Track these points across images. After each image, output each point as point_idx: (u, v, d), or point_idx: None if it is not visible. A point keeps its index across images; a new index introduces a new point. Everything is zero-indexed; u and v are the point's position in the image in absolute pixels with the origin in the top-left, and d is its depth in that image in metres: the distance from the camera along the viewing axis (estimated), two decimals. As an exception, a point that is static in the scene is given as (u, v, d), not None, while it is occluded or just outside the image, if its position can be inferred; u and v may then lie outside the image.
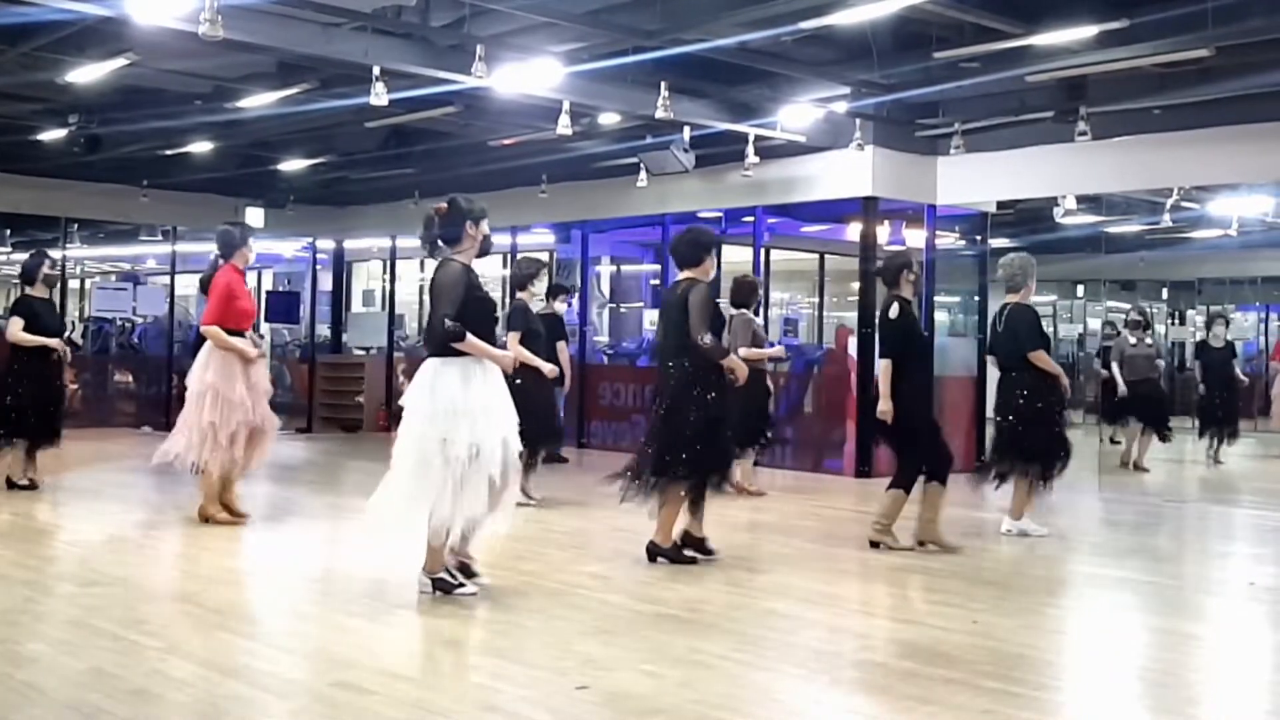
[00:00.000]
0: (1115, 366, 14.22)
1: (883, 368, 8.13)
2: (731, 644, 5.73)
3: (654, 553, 7.61)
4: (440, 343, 6.36)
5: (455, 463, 6.22)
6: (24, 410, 10.12)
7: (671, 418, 7.48)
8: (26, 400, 10.12)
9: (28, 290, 10.45)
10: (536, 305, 10.06)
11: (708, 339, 7.38)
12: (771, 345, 11.77)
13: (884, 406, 8.06)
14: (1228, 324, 15.64)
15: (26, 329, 10.12)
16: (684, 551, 7.63)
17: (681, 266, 7.71)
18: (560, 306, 11.07)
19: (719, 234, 15.77)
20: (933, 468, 8.15)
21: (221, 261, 8.94)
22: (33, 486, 10.19)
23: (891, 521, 8.22)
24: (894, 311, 8.19)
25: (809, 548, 8.25)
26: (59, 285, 12.72)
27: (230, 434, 8.61)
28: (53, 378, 10.36)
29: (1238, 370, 15.56)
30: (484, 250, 6.67)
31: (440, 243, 6.56)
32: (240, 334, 8.74)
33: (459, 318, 6.29)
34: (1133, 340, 14.25)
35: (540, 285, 10.06)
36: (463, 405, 6.27)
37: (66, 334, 10.93)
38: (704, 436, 7.39)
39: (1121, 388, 14.20)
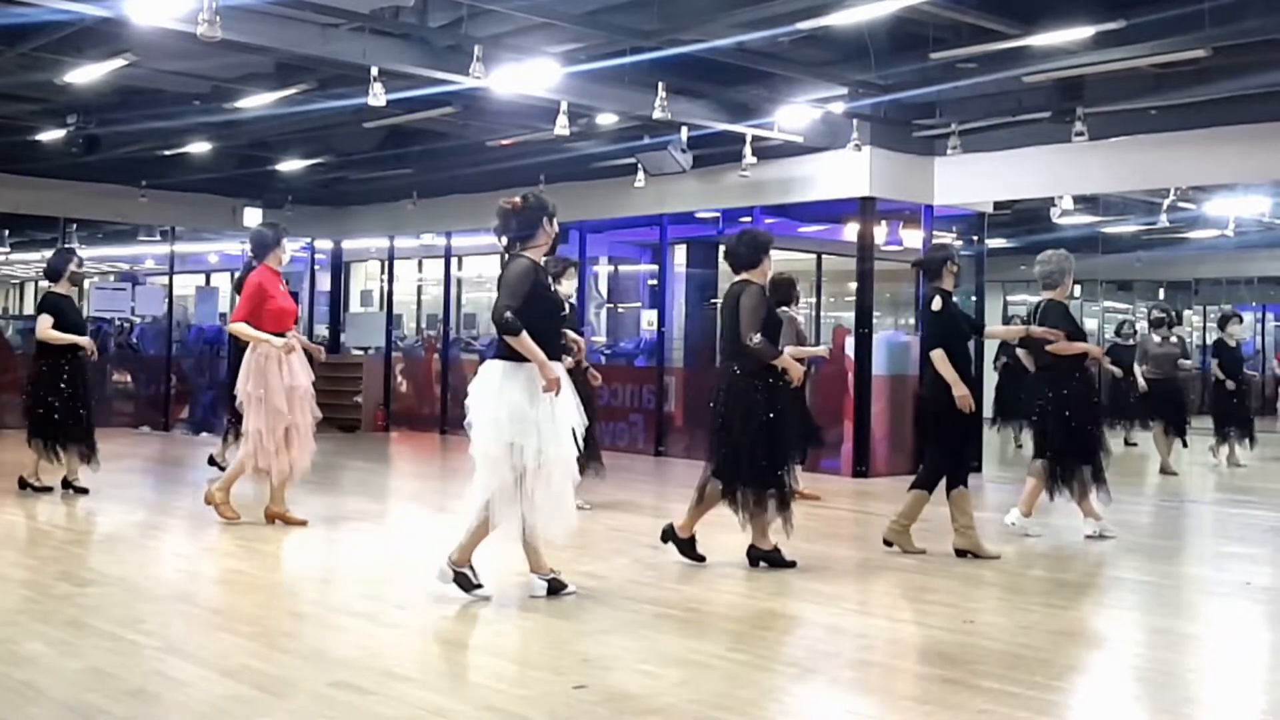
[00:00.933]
0: (1138, 366, 14.20)
1: (938, 358, 8.04)
2: (729, 644, 5.74)
3: (754, 557, 7.58)
4: (499, 333, 6.34)
5: (520, 469, 6.23)
6: (52, 410, 10.01)
7: (727, 429, 7.44)
8: (56, 400, 10.01)
9: (53, 288, 10.39)
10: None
11: (756, 339, 7.33)
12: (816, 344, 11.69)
13: (960, 392, 7.94)
14: (1241, 321, 15.67)
15: (54, 326, 10.08)
16: (782, 555, 7.61)
17: (738, 269, 7.66)
18: None
19: (716, 234, 15.89)
20: (953, 470, 8.08)
21: (255, 263, 8.98)
22: (77, 489, 10.15)
23: (911, 522, 8.19)
24: (936, 304, 8.21)
25: (806, 547, 8.24)
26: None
27: (279, 438, 8.59)
28: (81, 377, 10.23)
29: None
30: (554, 247, 6.78)
31: (516, 238, 6.49)
32: (280, 335, 8.67)
33: (520, 314, 6.26)
34: (1157, 339, 14.28)
35: (570, 284, 9.75)
36: (531, 413, 6.24)
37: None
38: (761, 446, 7.35)
39: (1141, 384, 14.16)
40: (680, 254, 16.68)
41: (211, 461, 11.76)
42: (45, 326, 10.04)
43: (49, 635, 5.65)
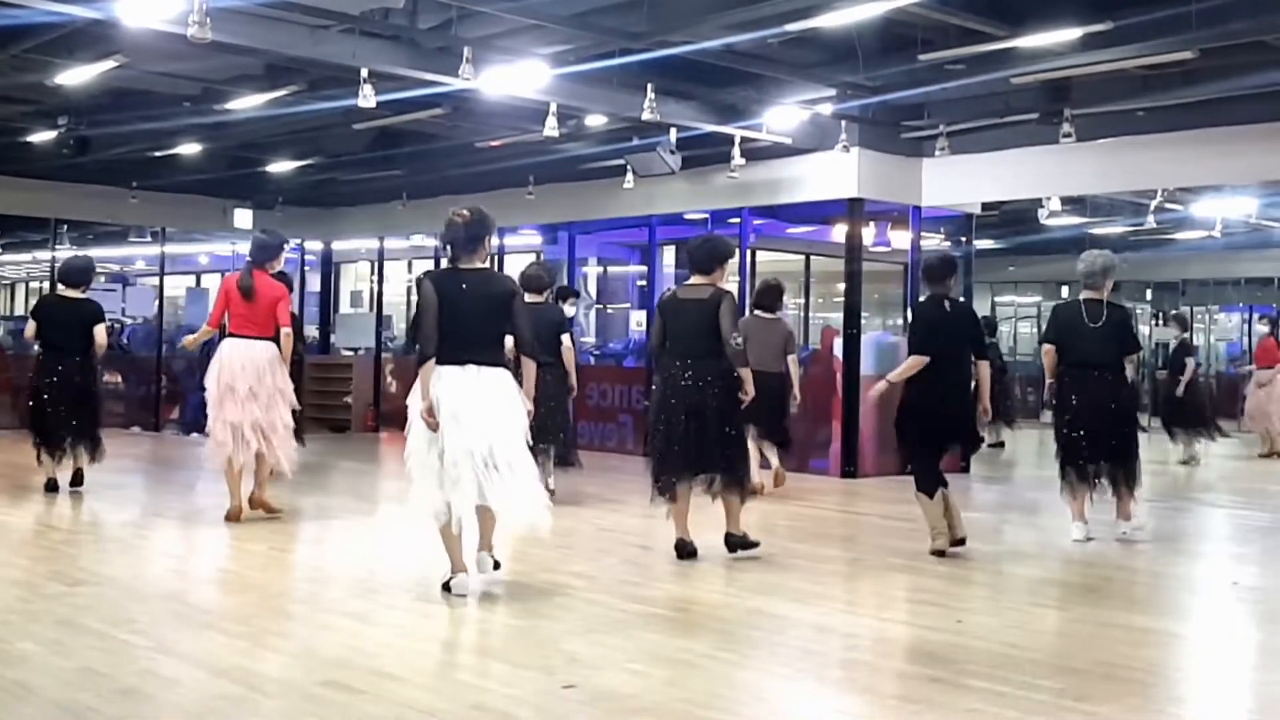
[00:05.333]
0: None
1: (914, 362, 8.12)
2: (718, 643, 5.77)
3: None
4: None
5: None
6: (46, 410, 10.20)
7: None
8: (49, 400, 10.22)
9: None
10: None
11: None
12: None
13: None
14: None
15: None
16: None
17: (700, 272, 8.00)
18: (569, 309, 11.64)
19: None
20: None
21: (254, 266, 9.12)
22: (74, 482, 10.28)
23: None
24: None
25: (796, 547, 8.28)
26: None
27: (224, 435, 8.87)
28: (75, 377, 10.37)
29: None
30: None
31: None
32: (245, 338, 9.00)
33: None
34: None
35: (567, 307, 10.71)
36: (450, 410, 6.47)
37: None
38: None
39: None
40: (669, 255, 16.70)
41: None
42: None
43: (40, 635, 5.66)
